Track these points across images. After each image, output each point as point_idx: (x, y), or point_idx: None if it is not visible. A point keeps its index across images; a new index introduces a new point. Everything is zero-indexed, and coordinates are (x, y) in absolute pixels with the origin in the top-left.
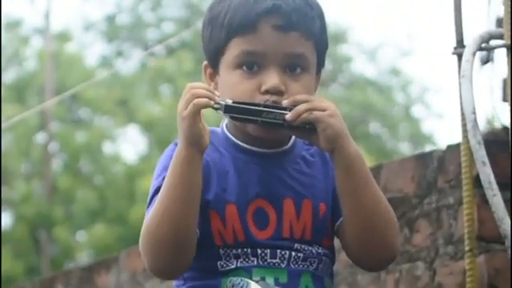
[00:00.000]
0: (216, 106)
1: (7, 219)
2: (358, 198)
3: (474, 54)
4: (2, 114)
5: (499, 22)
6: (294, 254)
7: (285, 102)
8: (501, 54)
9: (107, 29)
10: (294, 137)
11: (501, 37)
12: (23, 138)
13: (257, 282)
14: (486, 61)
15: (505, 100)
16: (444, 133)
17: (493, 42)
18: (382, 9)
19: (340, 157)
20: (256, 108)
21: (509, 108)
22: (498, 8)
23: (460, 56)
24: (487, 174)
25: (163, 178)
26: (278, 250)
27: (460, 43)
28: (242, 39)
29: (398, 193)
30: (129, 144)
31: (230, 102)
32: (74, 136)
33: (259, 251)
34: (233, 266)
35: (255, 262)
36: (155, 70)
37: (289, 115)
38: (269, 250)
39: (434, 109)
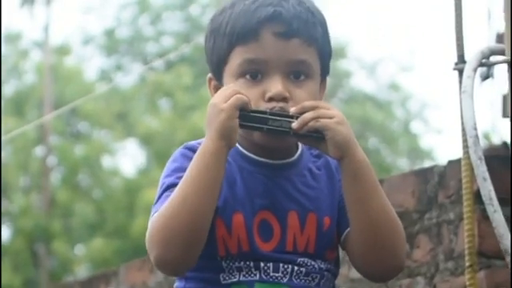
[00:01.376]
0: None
1: (6, 232)
2: (367, 205)
3: (475, 70)
4: (1, 127)
5: (499, 38)
6: (296, 268)
7: (292, 110)
8: (500, 70)
9: (106, 42)
10: (300, 149)
11: (502, 52)
12: (22, 151)
13: None
14: (486, 76)
15: (505, 116)
16: (442, 148)
17: (493, 58)
18: (382, 24)
19: (349, 164)
20: (262, 116)
21: (509, 124)
22: (499, 23)
23: (461, 71)
24: (488, 190)
25: (177, 177)
26: (281, 264)
27: (461, 59)
28: (244, 47)
29: (399, 208)
30: (127, 158)
31: None
32: (73, 149)
33: (262, 264)
34: (235, 280)
35: (257, 276)
36: (154, 83)
37: (295, 123)
38: (271, 264)
39: (433, 124)
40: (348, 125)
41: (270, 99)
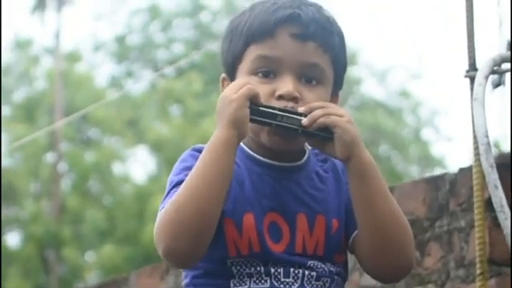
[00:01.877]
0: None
1: (16, 238)
2: (374, 206)
3: (486, 78)
4: (11, 134)
5: (510, 45)
6: (307, 272)
7: (301, 109)
8: None
9: (117, 49)
10: (307, 154)
11: None
12: (32, 157)
13: None
14: (497, 84)
15: None
16: (453, 156)
17: (504, 66)
18: (393, 31)
19: (356, 164)
20: (271, 111)
21: None
22: (510, 31)
23: (472, 79)
24: (499, 198)
25: (186, 175)
26: (292, 269)
27: (472, 66)
28: (260, 45)
29: (410, 215)
30: (138, 164)
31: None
32: (83, 156)
33: (272, 270)
34: (246, 286)
35: (268, 283)
36: (164, 90)
37: (305, 120)
38: (282, 269)
39: (444, 132)
40: (356, 126)
41: (280, 97)
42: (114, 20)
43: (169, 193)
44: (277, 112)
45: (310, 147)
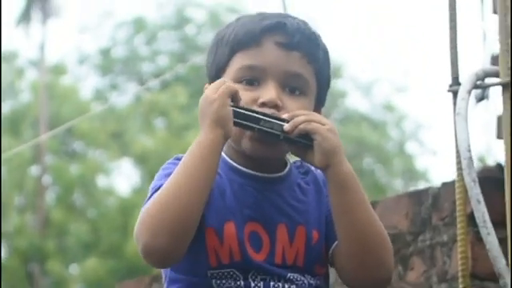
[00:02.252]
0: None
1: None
2: (354, 217)
3: (469, 92)
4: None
5: (494, 59)
6: (286, 286)
7: (284, 115)
8: (496, 91)
9: (102, 62)
10: (289, 166)
11: (496, 74)
12: (17, 170)
13: None
14: (481, 98)
15: (499, 137)
16: (437, 169)
17: (488, 80)
18: (378, 44)
19: (335, 173)
20: (255, 115)
21: (503, 145)
22: (493, 45)
23: (455, 93)
24: (482, 212)
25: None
26: (272, 283)
27: (455, 81)
28: (245, 53)
29: (393, 229)
30: (122, 177)
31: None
32: (68, 169)
33: (252, 284)
34: None
35: None
36: (149, 103)
37: (287, 125)
38: (262, 283)
39: (428, 145)
40: (338, 135)
41: (263, 104)
42: (98, 33)
43: (150, 197)
44: (260, 116)
45: (291, 160)
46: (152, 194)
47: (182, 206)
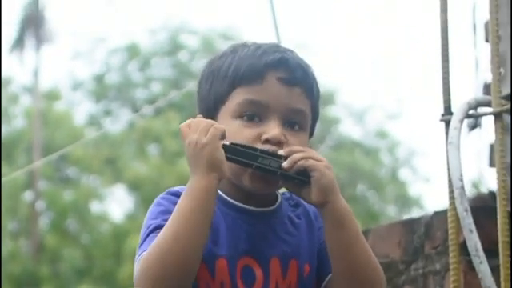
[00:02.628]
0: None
1: None
2: (350, 252)
3: (461, 122)
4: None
5: (487, 88)
6: None
7: (281, 152)
8: (488, 119)
9: (95, 88)
10: (280, 199)
11: (488, 104)
12: (10, 195)
13: None
14: (473, 126)
15: (492, 165)
16: (431, 196)
17: (480, 109)
18: (371, 72)
19: (333, 210)
20: (252, 152)
21: (495, 174)
22: (485, 74)
23: (447, 123)
24: (474, 242)
25: (163, 220)
26: None
27: (447, 110)
28: (247, 88)
29: (385, 258)
30: (116, 203)
31: (227, 142)
32: (62, 195)
33: None
34: None
35: None
36: (143, 129)
37: (285, 163)
38: None
39: (421, 172)
40: (333, 173)
41: (266, 141)
42: (92, 59)
43: (146, 237)
44: (257, 153)
45: (281, 191)
46: (148, 235)
47: (185, 255)
